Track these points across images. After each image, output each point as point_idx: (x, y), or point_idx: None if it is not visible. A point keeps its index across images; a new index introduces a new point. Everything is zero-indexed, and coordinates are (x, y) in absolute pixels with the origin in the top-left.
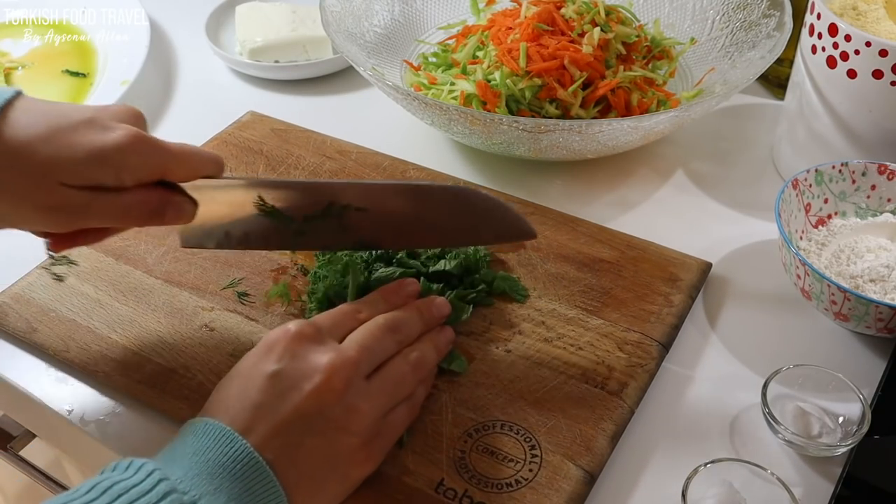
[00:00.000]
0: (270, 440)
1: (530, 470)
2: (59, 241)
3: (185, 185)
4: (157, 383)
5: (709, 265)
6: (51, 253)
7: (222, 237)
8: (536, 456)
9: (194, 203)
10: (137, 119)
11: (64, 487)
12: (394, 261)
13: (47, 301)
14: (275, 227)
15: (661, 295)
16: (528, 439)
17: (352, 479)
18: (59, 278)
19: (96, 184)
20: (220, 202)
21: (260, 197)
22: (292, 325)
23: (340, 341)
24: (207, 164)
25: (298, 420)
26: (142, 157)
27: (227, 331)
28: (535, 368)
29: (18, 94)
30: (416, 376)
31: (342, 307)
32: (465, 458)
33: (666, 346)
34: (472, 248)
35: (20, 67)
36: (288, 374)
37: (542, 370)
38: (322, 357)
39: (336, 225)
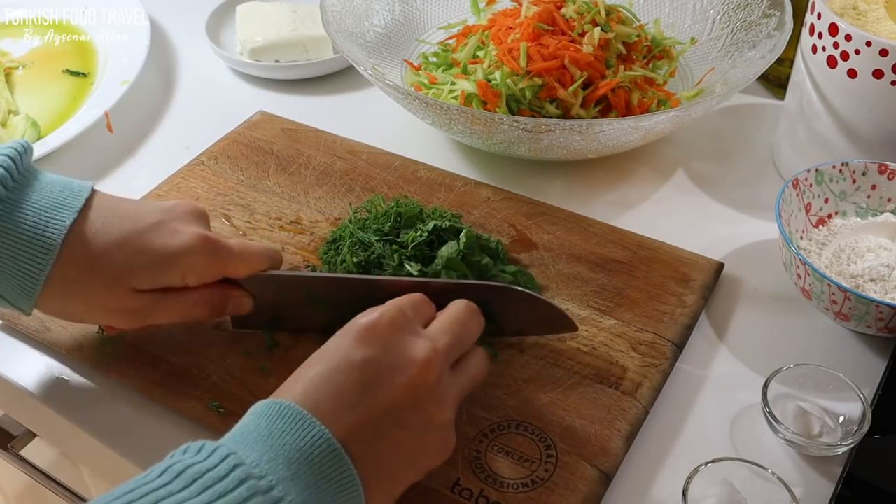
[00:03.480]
0: (355, 431)
1: (546, 470)
2: (114, 328)
3: (244, 280)
4: (171, 383)
5: (721, 265)
6: (102, 332)
7: (272, 322)
8: (552, 456)
9: (251, 296)
10: (201, 218)
11: (64, 487)
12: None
13: None
14: (321, 313)
15: (674, 295)
16: (543, 439)
17: (425, 471)
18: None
19: (163, 286)
20: (272, 293)
21: (310, 289)
22: (383, 312)
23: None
24: (265, 262)
25: (387, 412)
26: (206, 259)
27: (239, 330)
28: (550, 369)
29: (93, 191)
30: (487, 368)
31: (414, 295)
32: (481, 459)
33: (680, 347)
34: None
35: (20, 67)
36: (381, 364)
37: (557, 370)
38: (416, 348)
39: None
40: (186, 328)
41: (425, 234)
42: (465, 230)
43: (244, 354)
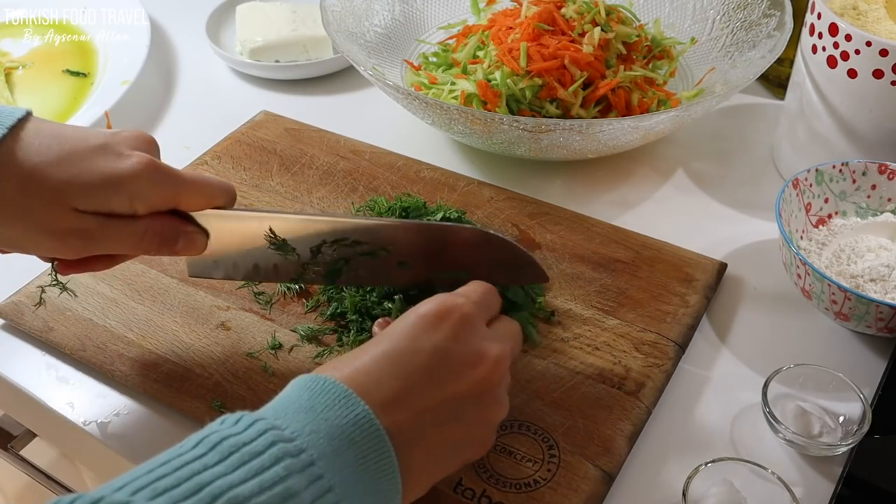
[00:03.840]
0: (411, 419)
1: (548, 470)
2: (66, 266)
3: (197, 215)
4: (174, 382)
5: (724, 265)
6: (56, 276)
7: (230, 267)
8: (555, 456)
9: (206, 234)
10: (150, 146)
11: (65, 487)
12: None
13: (63, 300)
14: (283, 259)
15: (677, 295)
16: (546, 439)
17: (466, 462)
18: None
19: (109, 210)
20: (230, 233)
21: (270, 229)
22: (458, 303)
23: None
24: (220, 194)
25: (448, 405)
26: (155, 185)
27: (243, 330)
28: (552, 368)
29: (28, 114)
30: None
31: (485, 287)
32: (484, 458)
33: (682, 347)
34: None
35: (20, 67)
36: (452, 354)
37: (559, 370)
38: (491, 347)
39: (341, 260)
40: (189, 328)
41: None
42: (473, 224)
43: (247, 355)
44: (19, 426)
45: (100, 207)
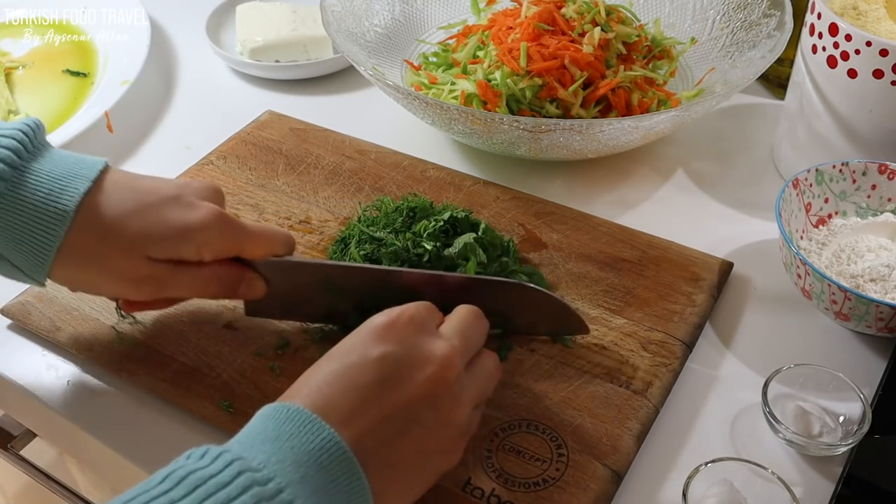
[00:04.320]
0: (370, 430)
1: (557, 469)
2: (131, 305)
3: (258, 262)
4: (182, 382)
5: (730, 264)
6: (121, 313)
7: (287, 310)
8: (563, 455)
9: (265, 279)
10: (218, 196)
11: (65, 487)
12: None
13: (70, 300)
14: (337, 304)
15: (684, 294)
16: (554, 438)
17: (437, 473)
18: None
19: (179, 258)
20: (288, 278)
21: (327, 277)
22: (402, 311)
23: None
24: (280, 244)
25: (404, 409)
26: (221, 235)
27: (250, 330)
28: (560, 368)
29: (106, 164)
30: (499, 374)
31: (421, 303)
32: (492, 458)
33: (690, 346)
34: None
35: (20, 67)
36: (399, 360)
37: (567, 369)
38: (436, 346)
39: (390, 302)
40: (197, 327)
41: (441, 222)
42: (483, 222)
43: (255, 354)
44: (19, 426)
45: (171, 255)
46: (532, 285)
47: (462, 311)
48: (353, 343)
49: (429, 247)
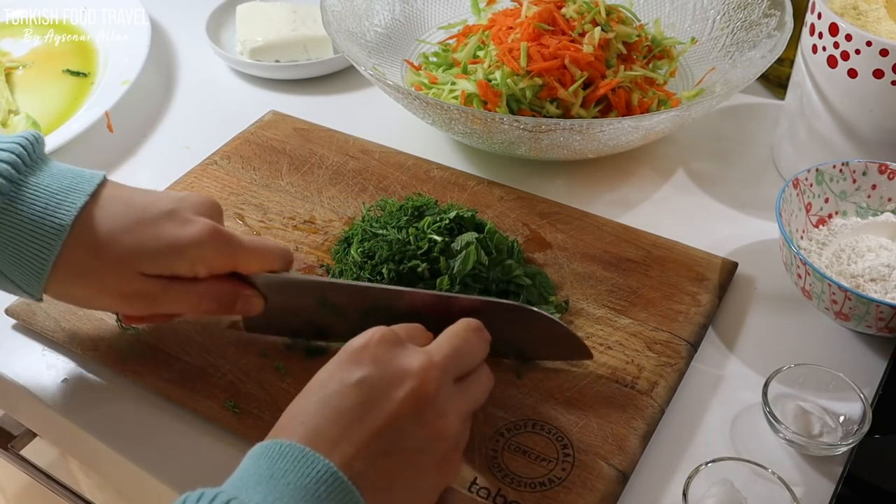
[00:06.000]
0: (358, 453)
1: (563, 469)
2: (130, 319)
3: (255, 278)
4: (187, 382)
5: (735, 264)
6: (122, 325)
7: (284, 326)
8: (569, 455)
9: (262, 295)
10: (214, 211)
11: (65, 487)
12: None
13: None
14: (334, 321)
15: (689, 294)
16: (560, 438)
17: (436, 491)
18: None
19: (172, 273)
20: (285, 295)
21: (323, 294)
22: (373, 332)
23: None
24: (276, 260)
25: (389, 429)
26: (216, 251)
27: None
28: (565, 367)
29: (104, 178)
30: (490, 385)
31: (411, 324)
32: (498, 458)
33: (695, 346)
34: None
35: (20, 67)
36: (376, 380)
37: (572, 369)
38: (411, 360)
39: (391, 322)
40: (202, 327)
41: (447, 220)
42: (488, 222)
43: (260, 354)
44: (19, 426)
45: (164, 271)
46: (533, 308)
47: (454, 326)
48: (332, 371)
49: (438, 239)
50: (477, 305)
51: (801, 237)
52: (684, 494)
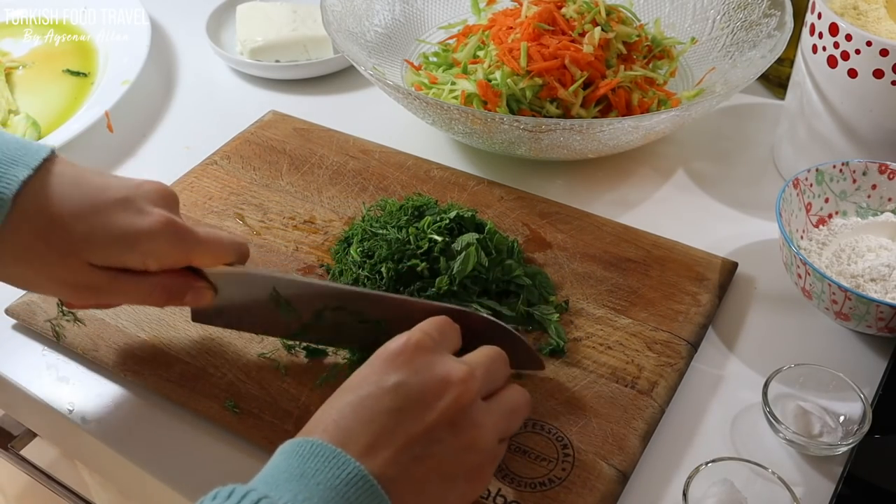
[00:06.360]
0: (391, 459)
1: (563, 469)
2: (72, 305)
3: (207, 271)
4: (187, 382)
5: (735, 264)
6: (62, 309)
7: (233, 319)
8: (569, 455)
9: (214, 288)
10: (171, 201)
11: (65, 487)
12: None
13: None
14: (285, 317)
15: (689, 294)
16: (559, 438)
17: (466, 500)
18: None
19: (122, 266)
20: (236, 288)
21: (274, 289)
22: (410, 336)
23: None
24: (231, 253)
25: (424, 436)
26: (171, 244)
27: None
28: (565, 367)
29: (52, 152)
30: (527, 410)
31: (439, 318)
32: None
33: (695, 346)
34: (504, 236)
35: (21, 67)
36: (413, 386)
37: (572, 369)
38: (452, 369)
39: (339, 325)
40: (202, 327)
41: (447, 220)
42: (489, 222)
43: (260, 355)
44: (19, 426)
45: (113, 263)
46: (486, 317)
47: (487, 349)
48: (367, 373)
49: (438, 238)
50: (431, 309)
51: (802, 237)
52: (684, 494)
